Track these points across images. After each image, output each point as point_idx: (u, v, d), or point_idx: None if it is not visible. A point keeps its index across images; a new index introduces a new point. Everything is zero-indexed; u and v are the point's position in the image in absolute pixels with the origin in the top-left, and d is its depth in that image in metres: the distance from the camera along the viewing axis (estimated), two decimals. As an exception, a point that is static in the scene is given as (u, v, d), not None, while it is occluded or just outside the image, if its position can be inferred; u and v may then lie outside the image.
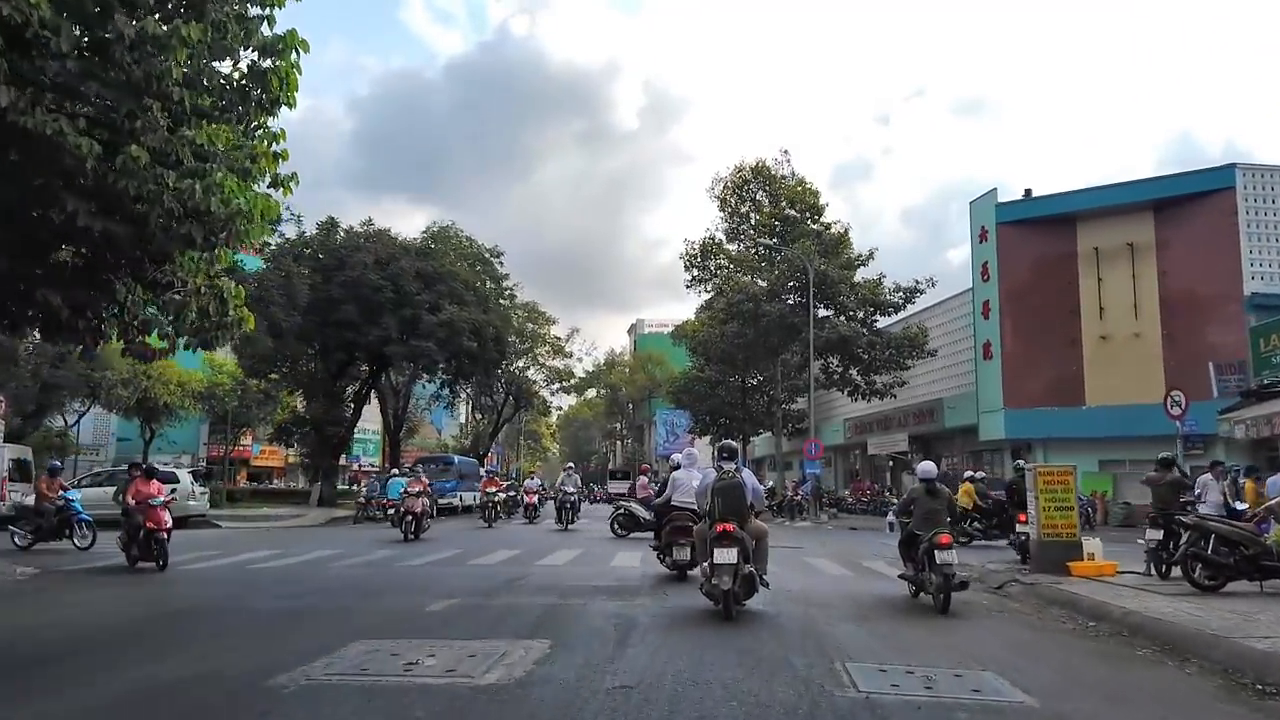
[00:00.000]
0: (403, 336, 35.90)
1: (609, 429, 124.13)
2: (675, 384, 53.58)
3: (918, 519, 10.50)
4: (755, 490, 9.72)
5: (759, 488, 10.16)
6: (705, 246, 41.27)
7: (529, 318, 57.17)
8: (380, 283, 35.51)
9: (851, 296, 34.87)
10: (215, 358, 56.42)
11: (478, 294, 40.09)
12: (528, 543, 20.37)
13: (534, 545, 19.53)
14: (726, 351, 36.80)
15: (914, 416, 39.66)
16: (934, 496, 10.53)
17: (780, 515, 37.06)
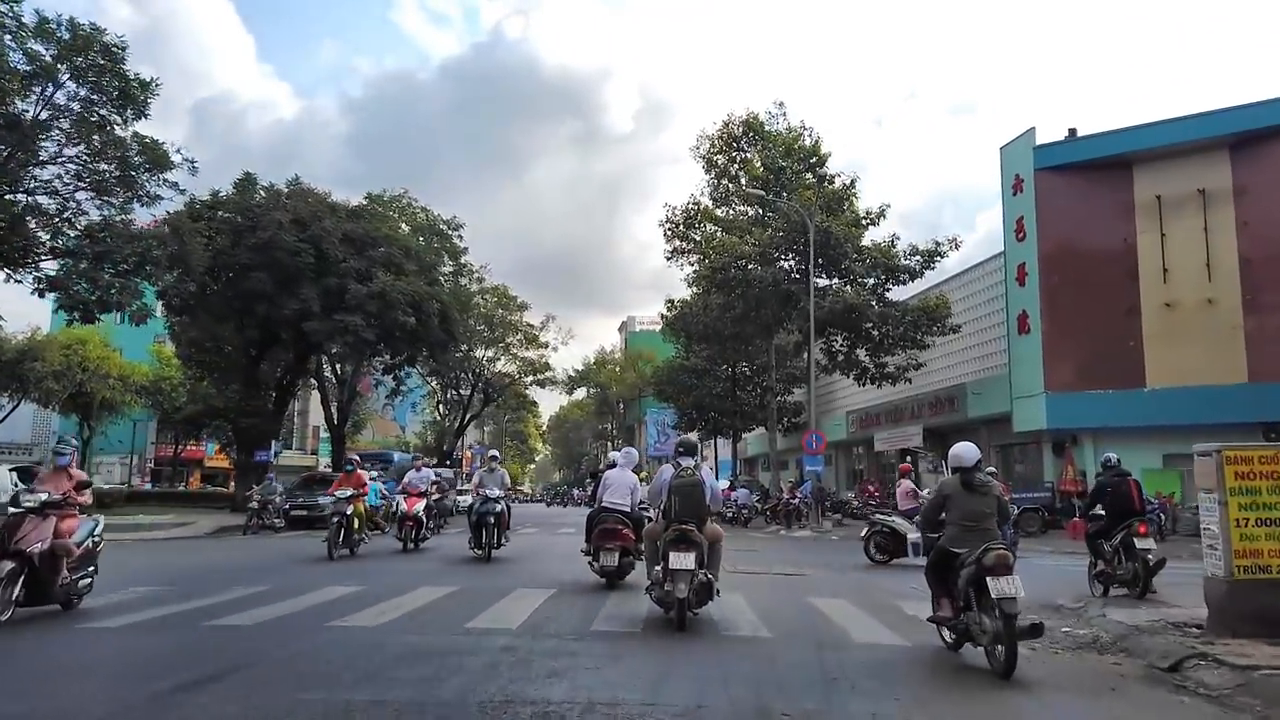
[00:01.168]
0: (326, 310, 29.49)
1: (600, 429, 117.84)
2: (658, 374, 47.19)
3: (954, 529, 7.07)
4: (714, 491, 8.79)
5: (717, 489, 9.24)
6: (689, 212, 34.90)
7: (499, 303, 50.78)
8: (298, 246, 29.13)
9: (859, 261, 28.50)
10: (164, 350, 50.25)
11: (421, 263, 33.64)
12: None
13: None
14: (712, 328, 30.31)
15: (930, 406, 33.25)
16: (977, 493, 7.07)
17: (775, 522, 30.68)
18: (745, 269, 28.00)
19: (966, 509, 7.01)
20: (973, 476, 7.10)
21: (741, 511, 31.16)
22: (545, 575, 12.73)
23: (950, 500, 7.13)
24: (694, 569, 7.93)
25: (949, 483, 7.26)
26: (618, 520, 10.83)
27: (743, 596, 10.41)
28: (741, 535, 24.95)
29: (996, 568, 6.48)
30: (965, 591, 6.79)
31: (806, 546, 21.07)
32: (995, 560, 6.49)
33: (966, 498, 7.04)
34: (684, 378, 44.28)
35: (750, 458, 54.96)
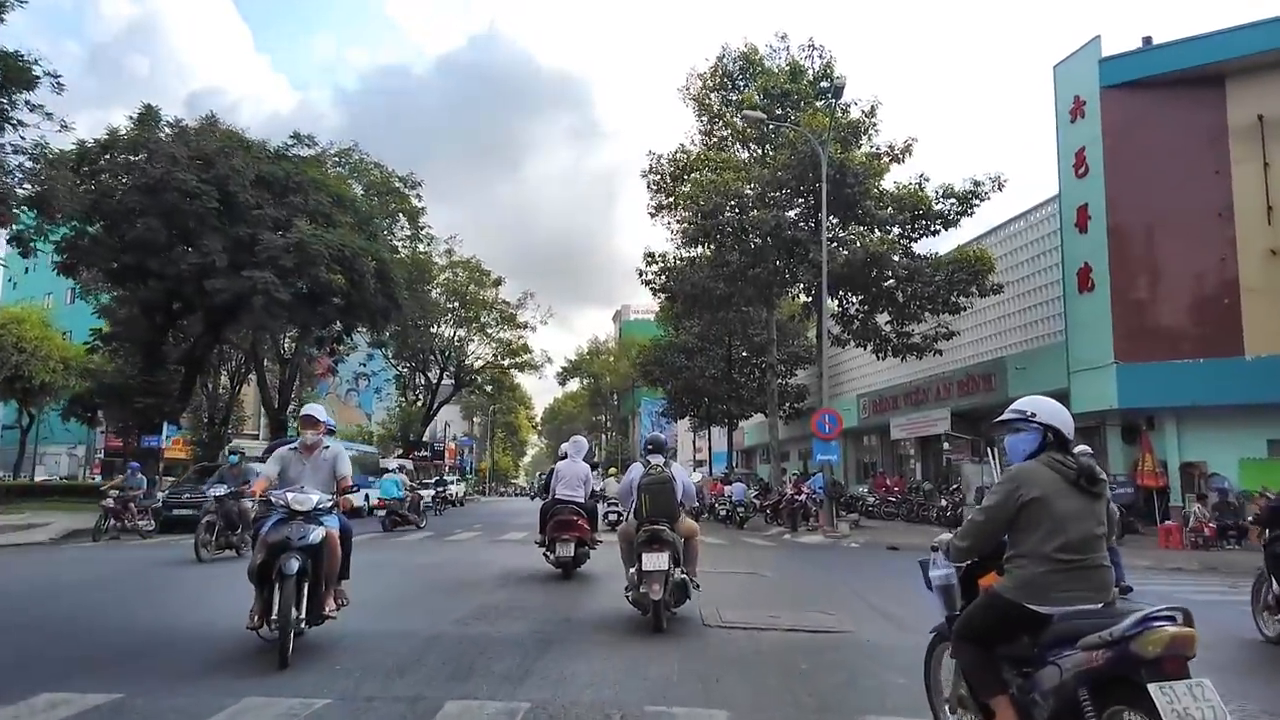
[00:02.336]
0: (234, 267, 23.73)
1: (594, 421, 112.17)
2: (644, 355, 41.39)
3: (1036, 564, 3.47)
4: (686, 488, 8.16)
5: (690, 485, 8.39)
6: (677, 162, 29.09)
7: (470, 278, 44.96)
8: (199, 187, 23.35)
9: (880, 205, 22.69)
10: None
11: (360, 215, 27.83)
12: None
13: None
14: (701, 287, 24.47)
15: (960, 385, 27.46)
16: (1086, 494, 3.54)
17: (777, 522, 24.94)
18: (742, 213, 22.18)
19: (1068, 523, 3.45)
20: (1085, 464, 3.57)
21: (737, 509, 25.41)
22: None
23: (1036, 508, 3.49)
24: (668, 569, 7.46)
25: (1034, 473, 3.57)
26: (572, 511, 10.61)
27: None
28: (737, 541, 19.21)
29: (1166, 661, 2.94)
30: (1072, 698, 3.13)
31: (825, 559, 15.31)
32: (1167, 645, 2.93)
33: (1068, 500, 3.49)
34: (673, 358, 38.50)
35: (748, 448, 49.16)
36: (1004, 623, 3.47)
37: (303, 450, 6.54)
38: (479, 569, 11.80)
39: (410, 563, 12.74)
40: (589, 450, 11.96)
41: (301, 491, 6.15)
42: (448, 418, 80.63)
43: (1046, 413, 3.70)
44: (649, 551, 7.43)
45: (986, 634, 3.55)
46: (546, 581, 10.50)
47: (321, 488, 6.35)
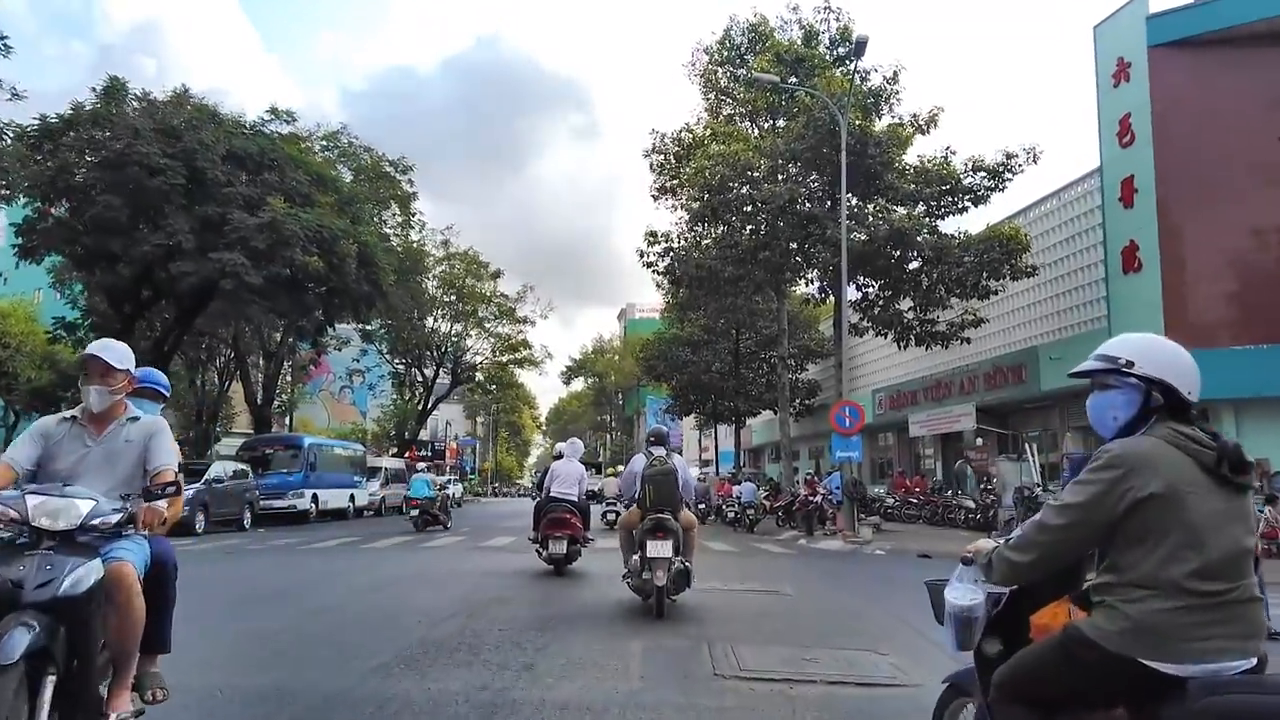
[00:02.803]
0: (203, 249, 21.72)
1: (598, 420, 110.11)
2: (647, 349, 39.29)
3: (1157, 598, 2.24)
4: (686, 480, 8.19)
5: (691, 478, 8.61)
6: (681, 141, 27.00)
7: (467, 270, 42.87)
8: (164, 162, 21.33)
9: (904, 179, 20.55)
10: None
11: (341, 196, 25.76)
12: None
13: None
14: (706, 269, 22.30)
15: (987, 377, 25.27)
16: (1226, 488, 2.30)
17: (790, 525, 22.88)
18: (753, 188, 20.05)
19: (1207, 533, 2.27)
20: (1226, 443, 2.36)
21: (747, 512, 23.29)
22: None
23: (1158, 510, 2.27)
24: (671, 556, 7.61)
25: (1151, 456, 2.32)
26: (566, 509, 10.64)
27: None
28: (749, 547, 17.09)
29: None
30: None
31: (851, 571, 13.18)
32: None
33: (1206, 497, 2.30)
34: (677, 352, 36.36)
35: (755, 448, 46.98)
36: (1093, 683, 2.34)
37: (87, 422, 3.71)
38: (438, 586, 9.71)
39: (355, 580, 10.64)
40: (584, 451, 12.46)
41: (60, 494, 3.31)
42: (449, 417, 78.63)
43: (1154, 360, 2.46)
44: (653, 539, 7.57)
45: (1057, 697, 2.43)
46: (515, 602, 8.43)
47: (117, 486, 3.61)
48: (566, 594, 8.96)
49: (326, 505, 26.06)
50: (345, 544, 16.36)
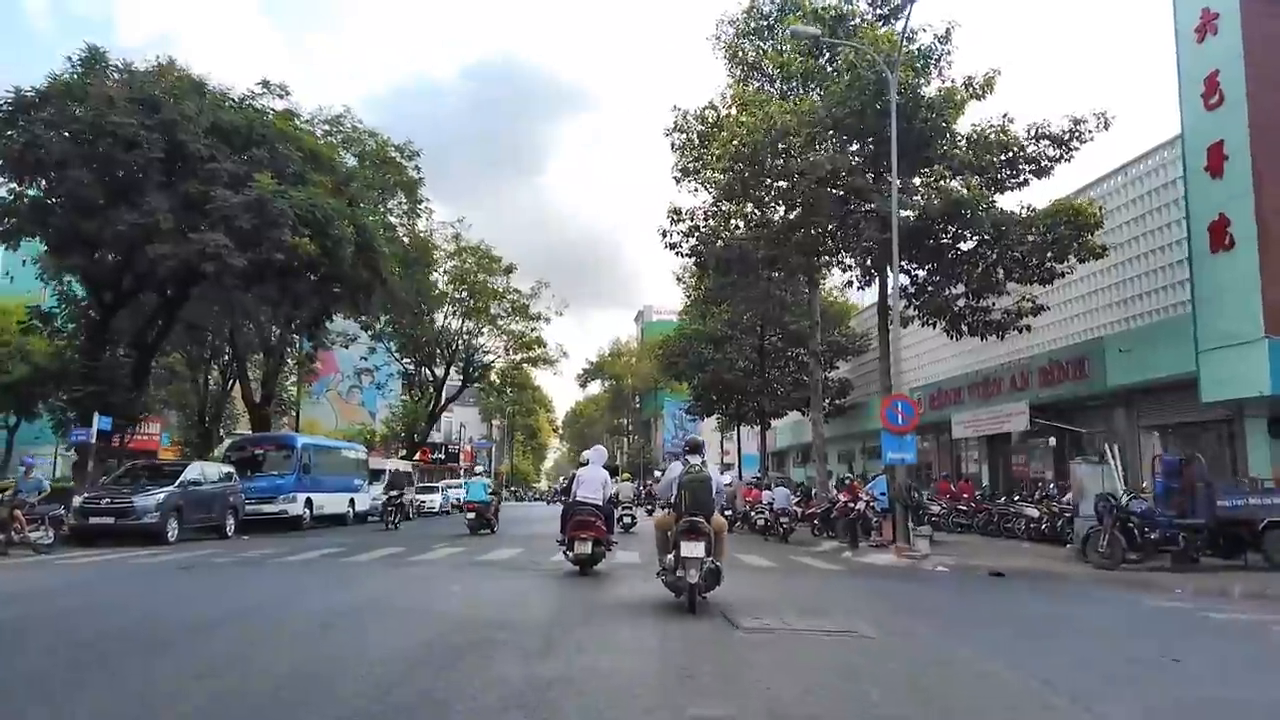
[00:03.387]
0: (182, 229, 19.60)
1: (615, 424, 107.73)
2: (668, 345, 36.93)
3: None
4: (718, 487, 8.70)
5: (721, 484, 9.06)
6: (705, 119, 24.70)
7: (479, 265, 40.69)
8: (140, 134, 19.23)
9: (958, 147, 18.11)
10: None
11: (338, 176, 23.59)
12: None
13: None
14: (737, 251, 19.89)
15: (1042, 372, 22.78)
16: None
17: (828, 535, 20.54)
18: (789, 158, 17.68)
19: None
20: None
21: (780, 520, 20.90)
22: None
23: None
24: (704, 556, 8.03)
25: None
26: (591, 513, 11.09)
27: None
28: (789, 561, 14.70)
29: None
30: None
31: (927, 597, 10.77)
32: None
33: None
34: (699, 348, 33.97)
35: (779, 450, 44.45)
36: None
37: None
38: (409, 621, 7.38)
39: (308, 608, 8.35)
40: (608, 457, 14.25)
41: None
42: (464, 419, 76.56)
43: None
44: (687, 540, 8.01)
45: None
46: (503, 651, 6.09)
47: None
48: (571, 637, 6.64)
49: (322, 511, 23.87)
50: (327, 556, 14.12)
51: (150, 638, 6.63)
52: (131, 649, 6.18)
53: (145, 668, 5.55)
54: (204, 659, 5.78)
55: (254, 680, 5.20)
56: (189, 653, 6.03)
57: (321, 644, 6.40)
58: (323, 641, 6.48)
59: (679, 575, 8.04)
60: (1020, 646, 7.01)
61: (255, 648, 6.24)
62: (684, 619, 7.66)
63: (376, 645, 6.24)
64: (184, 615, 7.68)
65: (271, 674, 5.37)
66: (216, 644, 6.34)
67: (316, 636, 6.67)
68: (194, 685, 5.06)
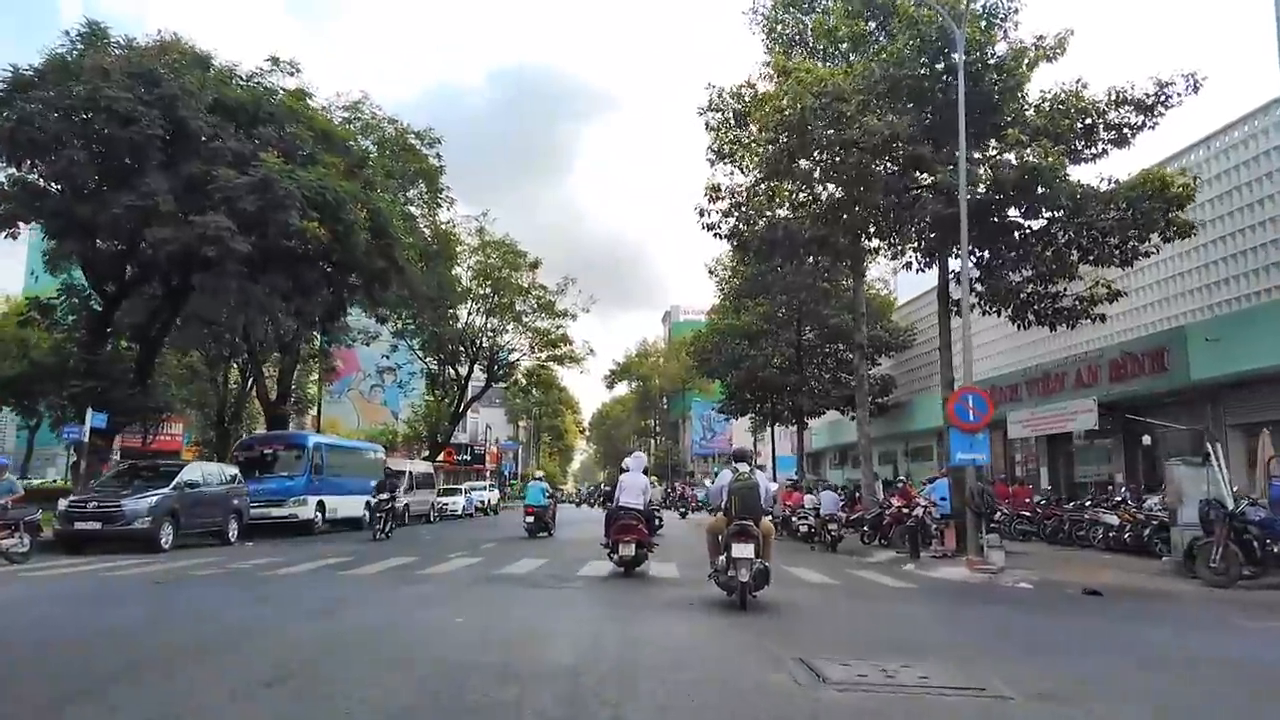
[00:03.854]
0: (181, 210, 18.11)
1: (642, 425, 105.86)
2: (700, 341, 35.09)
3: None
4: (767, 493, 9.15)
5: (770, 490, 9.49)
6: (741, 97, 22.87)
7: (504, 261, 39.09)
8: (138, 110, 17.76)
9: (1029, 113, 16.12)
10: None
11: (352, 158, 22.04)
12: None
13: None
14: (781, 231, 18.02)
15: (1113, 366, 20.67)
16: None
17: (881, 543, 18.66)
18: (840, 126, 15.78)
19: None
20: None
21: (828, 527, 18.99)
22: None
23: None
24: (753, 558, 8.42)
25: None
26: (633, 517, 11.60)
27: None
28: (846, 574, 12.81)
29: None
30: None
31: (1040, 625, 8.83)
32: None
33: None
34: (733, 344, 32.09)
35: (814, 452, 42.42)
36: None
37: None
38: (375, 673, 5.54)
39: (265, 648, 6.61)
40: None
41: None
42: (490, 420, 75.15)
43: None
44: (738, 542, 8.45)
45: None
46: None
47: None
48: (605, 696, 4.85)
49: (335, 514, 22.31)
50: (326, 568, 12.46)
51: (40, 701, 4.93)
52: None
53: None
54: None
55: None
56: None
57: (248, 713, 4.63)
58: (250, 710, 4.70)
59: (730, 575, 8.51)
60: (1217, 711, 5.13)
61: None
62: (752, 663, 5.88)
63: (336, 713, 4.49)
64: (90, 656, 5.98)
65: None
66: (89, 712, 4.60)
67: (246, 699, 4.89)
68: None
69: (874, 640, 7.19)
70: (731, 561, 8.45)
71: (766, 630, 7.37)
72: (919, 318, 31.84)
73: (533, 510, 21.26)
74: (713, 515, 9.77)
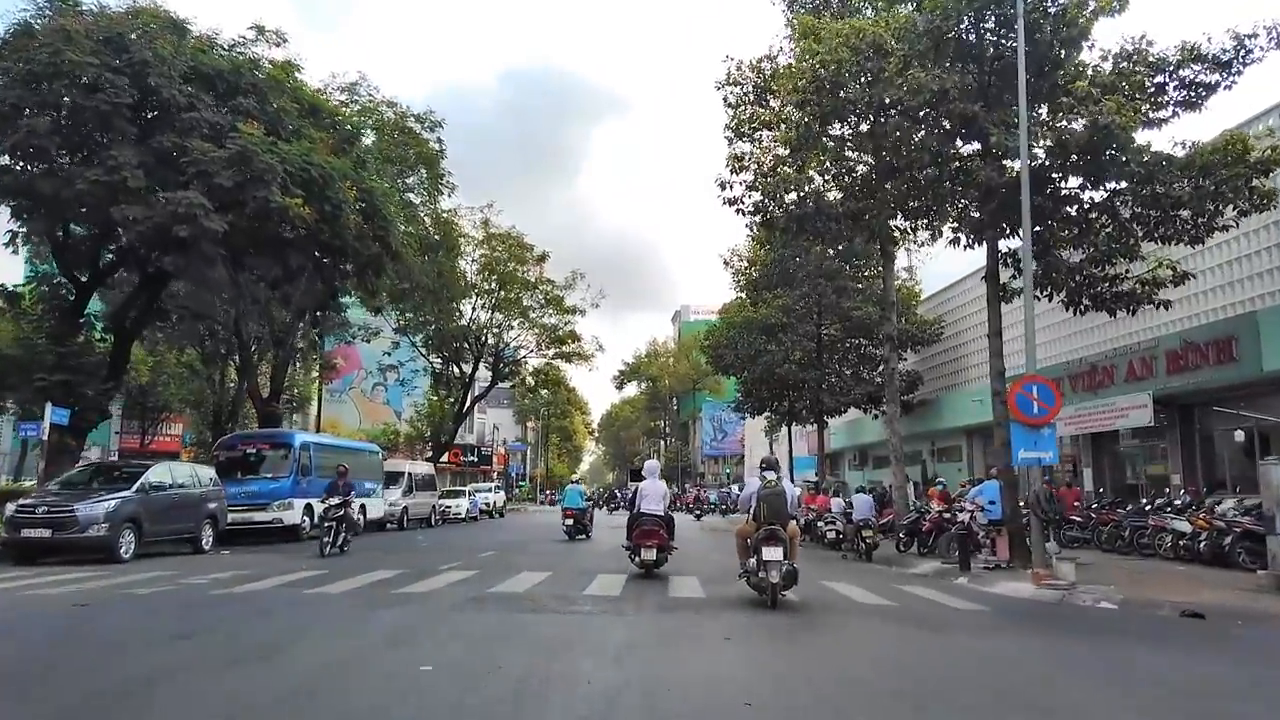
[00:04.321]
0: (153, 188, 16.38)
1: (651, 426, 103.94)
2: (714, 336, 33.21)
3: None
4: (792, 499, 9.83)
5: (794, 496, 10.19)
6: (760, 70, 21.08)
7: (509, 254, 37.29)
8: (105, 76, 16.03)
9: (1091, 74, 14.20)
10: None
11: (341, 135, 20.26)
12: None
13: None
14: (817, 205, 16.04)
15: (1172, 357, 18.73)
16: None
17: (922, 551, 16.80)
18: (880, 80, 13.89)
19: None
20: None
21: (862, 534, 17.09)
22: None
23: None
24: (782, 560, 8.98)
25: None
26: (654, 523, 12.14)
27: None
28: (893, 592, 10.90)
29: None
30: None
31: (1232, 706, 6.98)
32: None
33: None
34: (749, 339, 30.17)
35: (832, 452, 40.45)
36: None
37: None
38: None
39: (153, 713, 4.81)
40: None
41: None
42: (498, 420, 73.36)
43: None
44: (768, 545, 9.01)
45: None
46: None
47: None
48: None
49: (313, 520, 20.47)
50: (293, 583, 10.65)
51: None
52: None
53: None
54: None
55: None
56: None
57: None
58: None
59: (761, 576, 9.04)
60: None
61: None
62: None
63: None
64: None
65: None
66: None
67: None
68: None
69: (982, 697, 5.33)
70: (762, 564, 9.00)
71: (843, 681, 5.55)
72: (946, 310, 29.91)
73: (571, 513, 21.37)
74: (723, 516, 9.42)
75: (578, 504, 21.83)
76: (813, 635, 7.32)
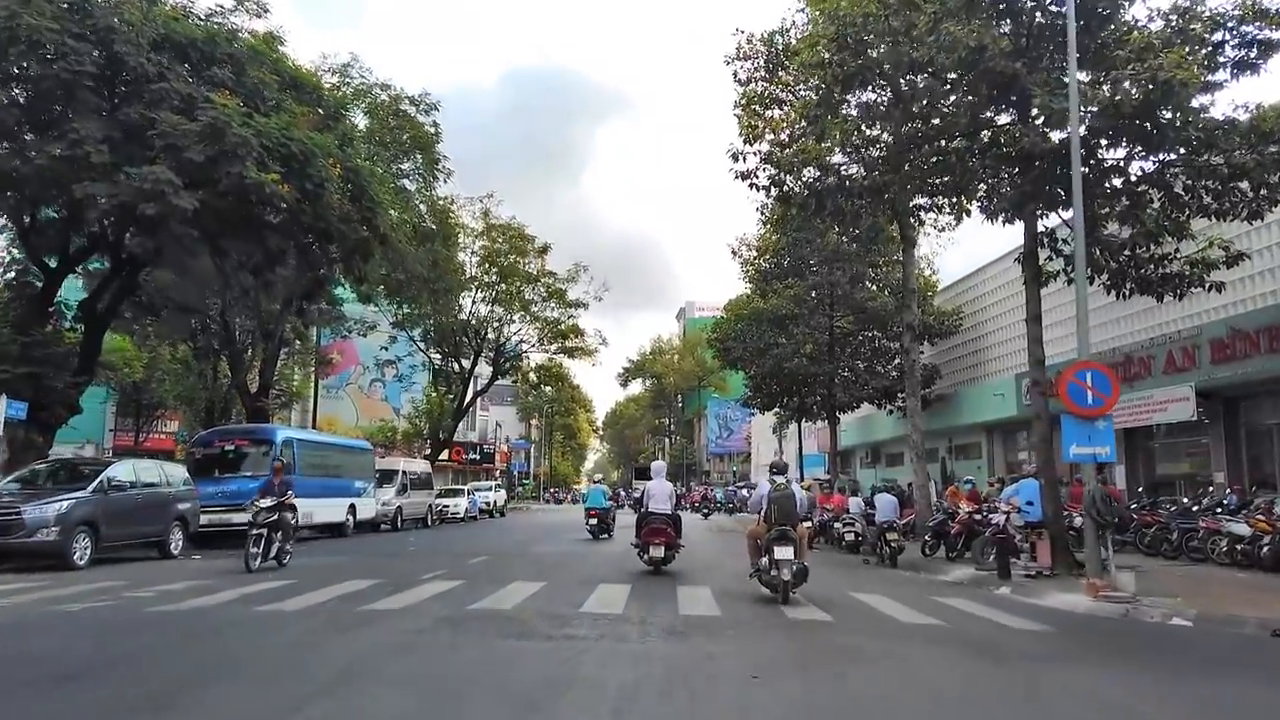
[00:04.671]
0: (119, 163, 15.04)
1: (656, 424, 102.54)
2: (722, 329, 31.81)
3: None
4: (801, 501, 10.32)
5: (804, 498, 10.92)
6: (772, 44, 19.75)
7: (510, 245, 35.92)
8: (67, 44, 14.70)
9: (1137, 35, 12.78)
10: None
11: (327, 109, 18.92)
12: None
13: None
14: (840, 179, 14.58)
15: (1217, 347, 17.34)
16: None
17: (950, 555, 15.39)
18: (910, 36, 12.50)
19: None
20: None
21: (886, 537, 15.69)
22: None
23: None
24: (793, 559, 9.31)
25: None
26: (662, 522, 12.51)
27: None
28: (932, 606, 9.47)
29: None
30: None
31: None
32: None
33: None
34: (759, 332, 28.78)
35: (843, 450, 39.02)
36: None
37: None
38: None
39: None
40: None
41: None
42: (501, 418, 72.01)
43: None
44: (779, 545, 9.33)
45: None
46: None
47: None
48: None
49: (312, 520, 19.17)
50: (248, 597, 9.29)
51: None
52: None
53: None
54: None
55: None
56: None
57: None
58: None
59: (773, 575, 9.35)
60: None
61: None
62: None
63: None
64: None
65: None
66: None
67: None
68: None
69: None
70: (774, 563, 9.29)
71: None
72: (965, 300, 28.49)
73: (595, 513, 21.47)
74: (729, 515, 7.98)
75: (601, 504, 21.88)
76: (858, 670, 5.96)
